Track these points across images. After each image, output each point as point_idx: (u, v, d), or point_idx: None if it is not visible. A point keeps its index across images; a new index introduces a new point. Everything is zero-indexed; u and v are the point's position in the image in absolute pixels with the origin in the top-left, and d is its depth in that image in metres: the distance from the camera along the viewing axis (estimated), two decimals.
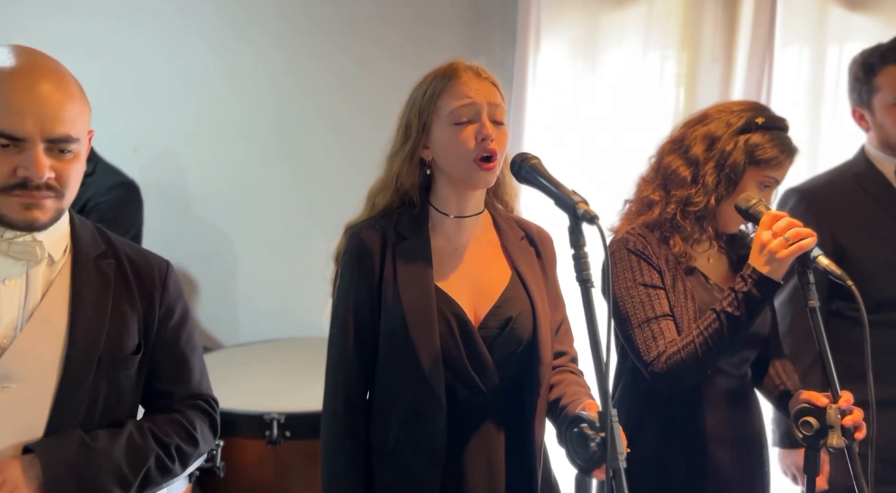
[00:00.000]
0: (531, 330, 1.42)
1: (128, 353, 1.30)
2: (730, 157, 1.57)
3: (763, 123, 1.59)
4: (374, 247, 1.41)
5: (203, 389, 1.43)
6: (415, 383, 1.37)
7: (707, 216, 1.61)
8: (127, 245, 1.38)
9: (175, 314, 1.38)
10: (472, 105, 1.38)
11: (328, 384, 1.46)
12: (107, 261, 1.31)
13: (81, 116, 1.21)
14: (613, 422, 1.07)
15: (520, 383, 1.44)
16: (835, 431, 1.42)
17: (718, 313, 1.49)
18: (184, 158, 3.00)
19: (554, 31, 2.67)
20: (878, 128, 2.03)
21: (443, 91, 1.39)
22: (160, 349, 1.36)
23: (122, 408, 1.31)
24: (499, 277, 1.45)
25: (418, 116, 1.41)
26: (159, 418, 1.35)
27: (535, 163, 1.30)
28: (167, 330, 1.36)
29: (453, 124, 1.39)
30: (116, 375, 1.28)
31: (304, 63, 2.91)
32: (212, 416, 1.42)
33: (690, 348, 1.50)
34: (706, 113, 1.66)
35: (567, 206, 1.20)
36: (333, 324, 1.46)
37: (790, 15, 2.59)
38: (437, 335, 1.36)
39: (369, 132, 2.78)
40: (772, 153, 1.57)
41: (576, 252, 1.16)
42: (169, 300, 1.37)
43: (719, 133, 1.59)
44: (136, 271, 1.34)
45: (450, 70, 1.41)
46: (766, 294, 1.47)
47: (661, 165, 1.66)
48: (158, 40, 2.90)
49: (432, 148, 1.43)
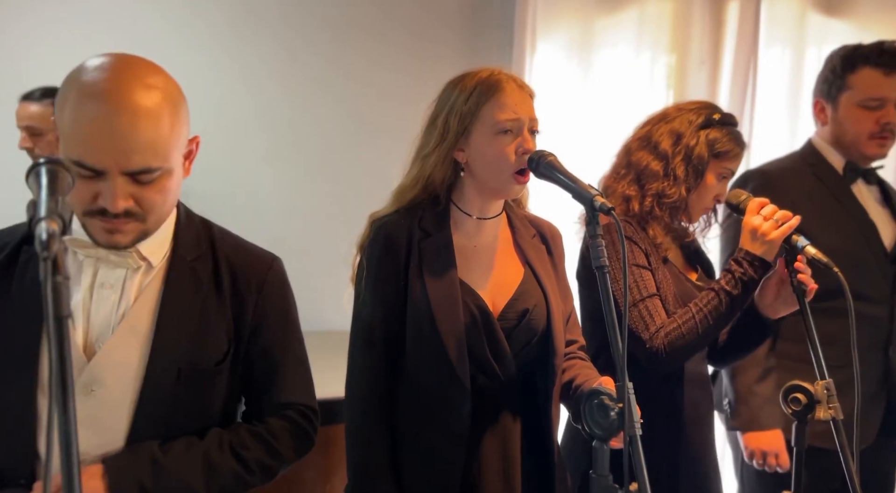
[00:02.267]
0: (545, 322, 1.47)
1: (211, 364, 1.24)
2: (694, 150, 1.67)
3: (719, 119, 1.70)
4: (402, 240, 1.44)
5: (296, 397, 1.34)
6: (442, 370, 1.40)
7: (680, 207, 1.69)
8: (232, 243, 1.31)
9: (271, 318, 1.30)
10: (517, 120, 1.42)
11: (354, 370, 1.46)
12: (203, 264, 1.25)
13: (169, 138, 1.14)
14: (630, 394, 1.15)
15: (534, 372, 1.49)
16: (822, 405, 1.51)
17: (717, 292, 1.56)
18: None
19: (549, 33, 2.74)
20: (836, 124, 2.03)
21: (487, 100, 1.42)
22: (252, 356, 1.29)
23: (208, 415, 1.27)
24: (513, 272, 1.50)
25: (459, 121, 1.43)
26: (243, 429, 1.30)
27: (552, 160, 1.35)
28: (260, 337, 1.29)
29: (496, 134, 1.42)
30: (199, 385, 1.23)
31: (303, 65, 2.93)
32: (301, 427, 1.34)
33: (691, 324, 1.57)
34: (666, 112, 1.75)
35: (584, 199, 1.26)
36: (358, 311, 1.47)
37: (772, 20, 2.69)
38: (462, 326, 1.40)
39: (366, 134, 2.91)
40: (729, 146, 1.68)
41: (593, 241, 1.22)
42: (264, 305, 1.29)
43: (683, 129, 1.69)
44: (232, 273, 1.27)
45: (493, 80, 1.44)
46: (761, 274, 1.54)
47: (631, 161, 1.73)
48: (157, 45, 2.71)
49: (468, 152, 1.45)
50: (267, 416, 1.33)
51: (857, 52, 2.02)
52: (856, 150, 2.04)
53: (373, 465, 1.44)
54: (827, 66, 2.08)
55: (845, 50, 2.05)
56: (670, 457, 1.70)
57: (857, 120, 2.01)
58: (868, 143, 2.02)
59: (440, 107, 1.47)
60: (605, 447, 1.21)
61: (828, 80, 2.06)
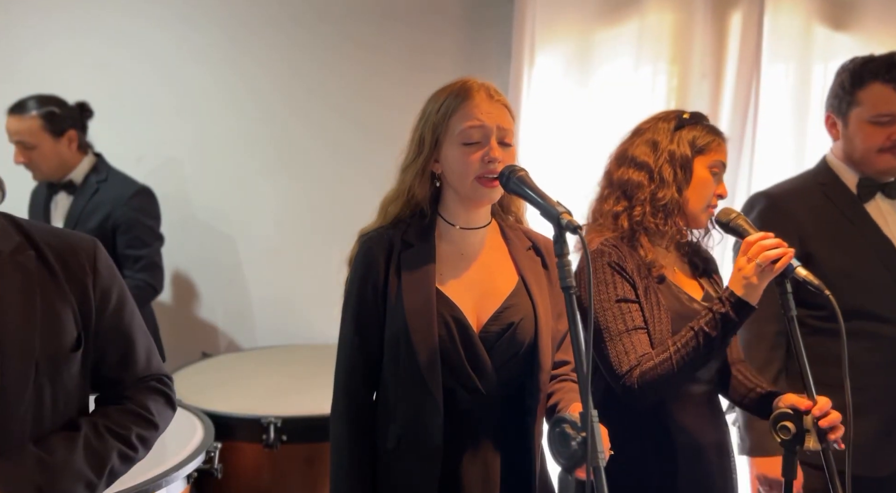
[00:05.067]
0: (532, 336, 1.44)
1: (67, 350, 1.21)
2: (676, 152, 1.66)
3: (689, 118, 1.71)
4: (381, 255, 1.44)
5: (153, 368, 1.36)
6: (414, 383, 1.40)
7: (674, 210, 1.66)
8: (46, 231, 1.27)
9: (112, 297, 1.29)
10: (482, 128, 1.41)
11: (337, 388, 1.48)
12: (25, 254, 1.20)
13: None
14: (594, 422, 1.11)
15: (520, 388, 1.46)
16: (811, 434, 1.46)
17: (696, 332, 1.53)
18: (186, 167, 3.04)
19: (548, 46, 2.70)
20: (846, 140, 1.99)
21: (455, 110, 1.42)
22: (102, 338, 1.28)
23: (71, 406, 1.25)
24: (504, 282, 1.48)
25: (431, 132, 1.44)
26: (112, 410, 1.29)
27: (522, 175, 1.34)
28: (106, 316, 1.28)
29: (462, 144, 1.41)
30: (59, 375, 1.21)
31: (303, 76, 2.94)
32: (165, 393, 1.36)
33: (667, 365, 1.54)
34: (637, 128, 1.75)
35: (552, 216, 1.23)
36: (342, 329, 1.49)
37: (776, 33, 2.63)
38: (435, 337, 1.39)
39: (367, 144, 2.92)
40: (709, 138, 1.68)
41: (559, 260, 1.20)
42: (103, 284, 1.27)
43: (658, 137, 1.69)
44: (60, 259, 1.23)
45: (463, 89, 1.43)
46: (743, 317, 1.51)
47: (612, 181, 1.72)
48: (162, 55, 2.94)
49: (442, 163, 1.46)
50: (129, 392, 1.33)
51: (867, 68, 1.96)
52: (867, 166, 1.99)
53: (349, 482, 1.43)
54: (836, 80, 2.03)
55: (854, 64, 2.00)
56: (666, 489, 1.63)
57: (868, 136, 1.96)
58: (878, 157, 1.97)
59: (419, 119, 1.49)
60: (571, 478, 1.17)
61: (837, 95, 2.01)
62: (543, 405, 1.46)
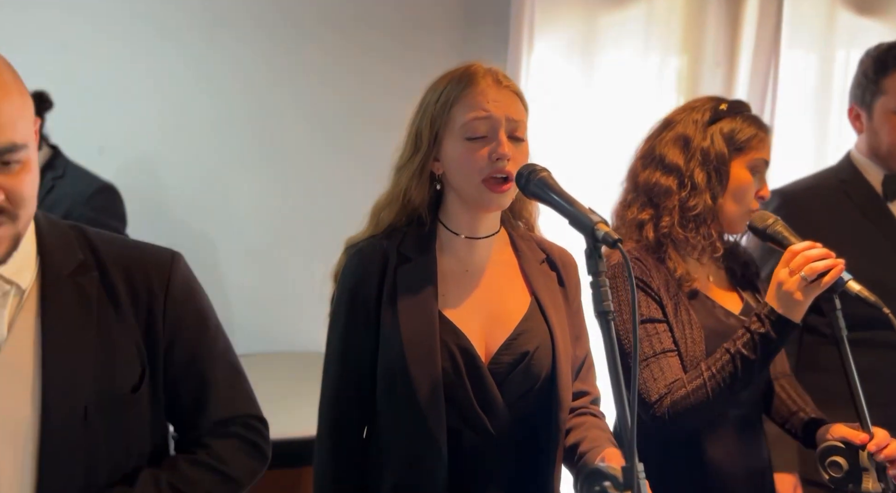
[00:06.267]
0: (549, 368, 1.30)
1: (126, 390, 1.08)
2: (711, 151, 1.51)
3: (727, 108, 1.55)
4: (374, 270, 1.29)
5: (238, 408, 1.20)
6: (413, 425, 1.25)
7: (707, 219, 1.53)
8: (119, 245, 1.15)
9: (186, 326, 1.14)
10: (488, 119, 1.26)
11: (321, 421, 1.34)
12: (88, 275, 1.08)
13: (23, 111, 0.99)
14: (640, 480, 0.96)
15: (534, 428, 1.31)
16: (870, 474, 1.33)
17: (733, 355, 1.41)
18: (155, 160, 2.88)
19: (548, 30, 2.61)
20: (871, 133, 1.91)
21: (457, 99, 1.27)
22: (173, 374, 1.13)
23: (136, 452, 1.11)
24: (516, 304, 1.33)
25: (430, 126, 1.29)
26: (182, 461, 1.14)
27: (545, 176, 1.19)
28: (180, 349, 1.13)
29: (466, 139, 1.27)
30: (116, 419, 1.07)
31: (284, 61, 2.81)
32: (250, 441, 1.19)
33: (701, 393, 1.42)
34: (668, 119, 1.59)
35: (584, 226, 1.07)
36: (327, 354, 1.34)
37: (797, 18, 2.54)
38: (438, 370, 1.24)
39: (354, 134, 2.79)
40: (750, 132, 1.52)
41: (594, 280, 1.04)
42: (176, 311, 1.12)
43: (690, 132, 1.53)
44: (128, 280, 1.10)
45: (466, 75, 1.29)
46: (785, 337, 1.39)
47: (638, 184, 1.57)
48: (126, 33, 2.77)
49: (443, 162, 1.31)
50: (207, 439, 1.17)
51: (892, 53, 1.87)
52: (894, 161, 1.89)
53: None
54: (860, 68, 1.94)
55: (878, 50, 1.90)
56: None
57: (894, 128, 1.86)
58: None
59: (416, 111, 1.35)
60: None
61: (861, 84, 1.92)
62: (562, 448, 1.32)
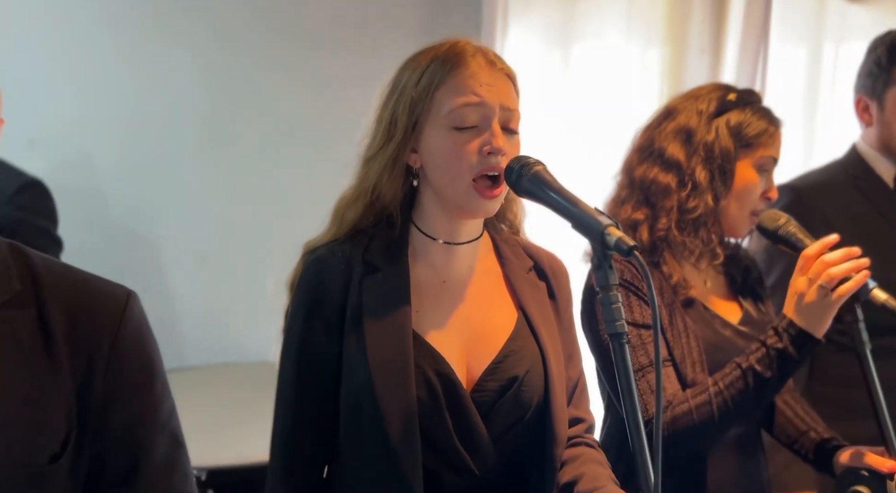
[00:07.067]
0: (541, 394, 1.17)
1: (43, 460, 0.92)
2: (715, 145, 1.42)
3: (736, 99, 1.45)
4: (334, 281, 1.16)
5: (173, 487, 1.03)
6: (382, 466, 1.11)
7: (708, 221, 1.44)
8: (66, 279, 0.99)
9: (130, 382, 0.99)
10: (481, 106, 1.12)
11: (273, 461, 1.19)
12: (20, 311, 0.93)
13: None
14: None
15: (524, 466, 1.18)
16: None
17: (745, 371, 1.31)
18: (92, 153, 2.71)
19: (524, 15, 2.50)
20: (882, 125, 1.84)
21: (443, 81, 1.13)
22: (105, 440, 0.97)
23: None
24: (501, 320, 1.21)
25: (409, 111, 1.15)
26: None
27: (539, 170, 1.06)
28: (116, 409, 0.97)
29: (452, 129, 1.13)
30: None
31: (239, 55, 2.68)
32: None
33: (705, 410, 1.32)
34: (669, 107, 1.50)
35: (592, 231, 0.93)
36: (280, 380, 1.20)
37: (785, 6, 2.48)
38: (413, 400, 1.10)
39: (312, 127, 2.64)
40: (760, 126, 1.43)
41: (604, 295, 0.91)
42: (121, 362, 0.97)
43: (693, 124, 1.44)
44: (69, 322, 0.95)
45: (453, 53, 1.14)
46: (805, 353, 1.30)
47: (633, 180, 1.48)
48: (57, 13, 2.59)
49: (422, 154, 1.16)
50: None
51: None
52: None
53: None
54: (870, 56, 1.87)
55: (891, 37, 1.83)
56: None
57: None
58: None
59: (389, 94, 1.20)
60: None
61: (872, 73, 1.85)
62: (557, 489, 1.18)
